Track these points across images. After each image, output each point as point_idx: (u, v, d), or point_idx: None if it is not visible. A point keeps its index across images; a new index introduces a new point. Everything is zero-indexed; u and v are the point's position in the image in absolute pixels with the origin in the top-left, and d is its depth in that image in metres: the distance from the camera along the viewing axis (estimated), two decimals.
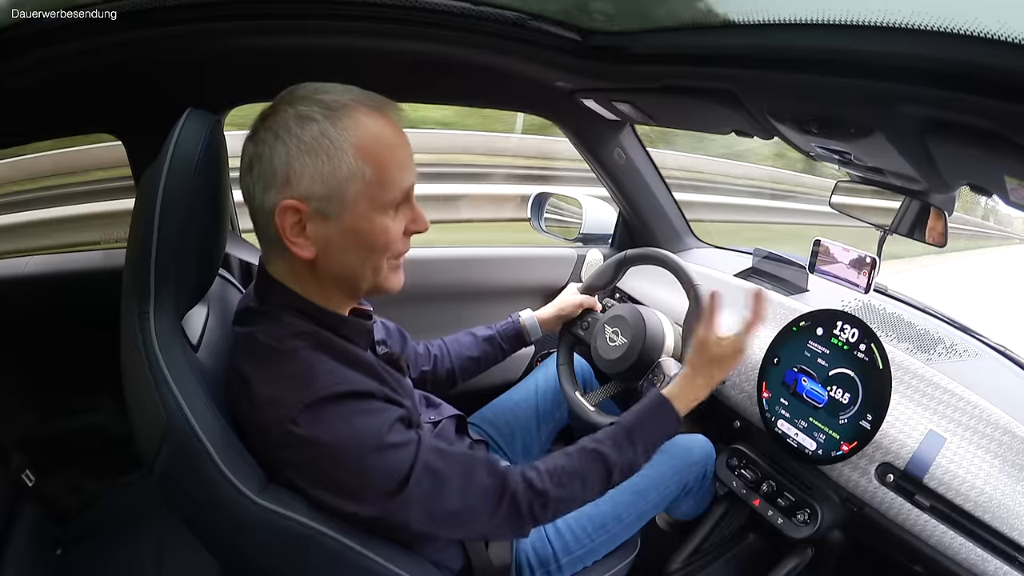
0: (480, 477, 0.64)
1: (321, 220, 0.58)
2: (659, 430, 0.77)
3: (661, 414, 0.78)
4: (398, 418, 0.61)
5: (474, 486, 0.63)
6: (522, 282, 1.42)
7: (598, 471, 0.72)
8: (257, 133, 0.58)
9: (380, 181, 0.58)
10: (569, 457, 0.72)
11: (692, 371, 0.81)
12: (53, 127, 0.94)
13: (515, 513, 0.66)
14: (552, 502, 0.68)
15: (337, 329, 0.64)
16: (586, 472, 0.71)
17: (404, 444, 0.60)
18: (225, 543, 0.59)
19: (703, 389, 0.81)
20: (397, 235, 0.62)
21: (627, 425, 0.76)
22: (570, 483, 0.70)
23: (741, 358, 0.81)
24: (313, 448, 0.56)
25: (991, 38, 0.38)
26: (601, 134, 1.24)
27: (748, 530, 1.10)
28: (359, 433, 0.57)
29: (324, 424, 0.56)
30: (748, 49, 0.60)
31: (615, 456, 0.72)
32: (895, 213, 0.86)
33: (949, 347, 0.95)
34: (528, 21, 0.74)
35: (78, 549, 1.08)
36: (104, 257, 1.12)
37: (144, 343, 0.55)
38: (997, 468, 0.76)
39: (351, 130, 0.57)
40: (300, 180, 0.56)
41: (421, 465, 0.60)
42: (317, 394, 0.56)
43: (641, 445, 0.75)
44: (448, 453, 0.64)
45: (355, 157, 0.57)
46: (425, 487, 0.60)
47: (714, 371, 0.80)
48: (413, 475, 0.59)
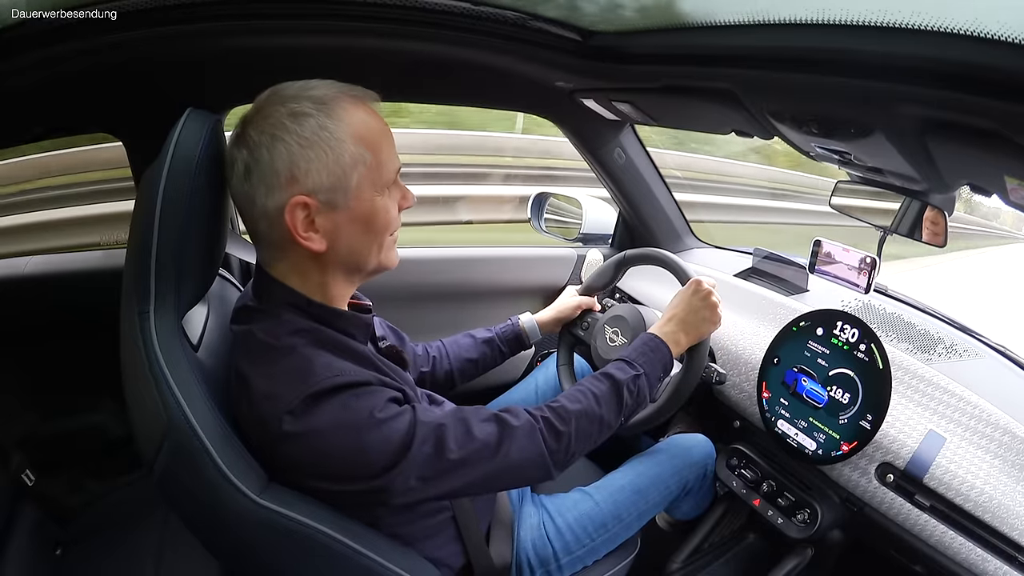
0: (475, 424, 0.65)
1: (329, 211, 0.60)
2: (655, 359, 0.82)
3: (653, 345, 0.83)
4: (391, 398, 0.61)
5: (472, 432, 0.64)
6: (522, 282, 1.42)
7: (607, 388, 0.75)
8: (248, 138, 0.58)
9: (377, 164, 0.61)
10: (578, 387, 0.75)
11: (672, 315, 0.87)
12: (53, 127, 0.94)
13: (526, 447, 0.66)
14: (564, 424, 0.69)
15: (335, 323, 0.64)
16: (595, 389, 0.74)
17: (399, 415, 0.60)
18: (225, 543, 0.59)
19: (684, 332, 0.86)
20: (394, 213, 0.66)
21: (623, 355, 0.82)
22: (581, 398, 0.72)
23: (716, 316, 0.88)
24: (311, 438, 0.56)
25: (991, 38, 0.38)
26: (601, 134, 1.24)
27: (748, 530, 1.10)
28: (354, 414, 0.58)
29: (321, 415, 0.56)
30: (748, 49, 0.60)
31: (619, 375, 0.77)
32: (895, 213, 0.86)
33: (949, 347, 0.95)
34: (528, 21, 0.74)
35: (78, 549, 1.08)
36: (104, 257, 1.12)
37: (144, 343, 0.55)
38: (997, 468, 0.76)
39: (345, 120, 0.59)
40: (307, 175, 0.57)
41: (419, 429, 0.60)
42: (314, 387, 0.56)
43: (642, 368, 0.79)
44: (441, 412, 0.64)
45: (354, 145, 0.59)
46: (426, 449, 0.60)
47: (697, 319, 0.87)
48: (414, 440, 0.59)
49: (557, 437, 0.68)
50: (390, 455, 0.58)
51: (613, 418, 0.74)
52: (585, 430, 0.71)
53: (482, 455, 0.64)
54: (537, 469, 0.68)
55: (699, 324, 0.86)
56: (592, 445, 0.73)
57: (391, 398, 0.61)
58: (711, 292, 0.87)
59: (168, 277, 0.57)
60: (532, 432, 0.67)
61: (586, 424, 0.71)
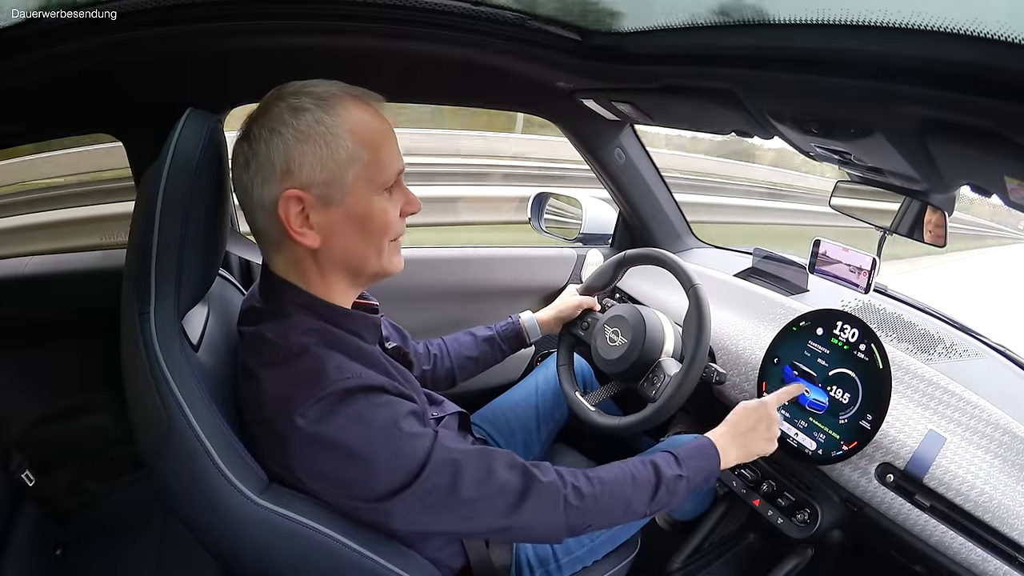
0: (499, 468, 0.63)
1: (324, 207, 0.59)
2: (702, 466, 0.78)
3: (707, 453, 0.79)
4: (410, 411, 0.61)
5: (493, 479, 0.62)
6: (522, 282, 1.42)
7: (648, 477, 0.72)
8: (250, 132, 0.59)
9: (376, 164, 0.60)
10: (621, 464, 0.73)
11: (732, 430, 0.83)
12: (53, 127, 0.94)
13: (545, 509, 0.64)
14: (591, 498, 0.67)
15: (343, 324, 0.64)
16: (636, 473, 0.72)
17: (418, 436, 0.59)
18: (225, 543, 0.59)
19: (742, 449, 0.82)
20: (395, 216, 0.64)
21: (676, 451, 0.77)
22: (614, 484, 0.70)
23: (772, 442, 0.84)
24: (325, 445, 0.56)
25: (991, 38, 0.38)
26: (601, 134, 1.24)
27: (748, 530, 1.10)
28: (371, 427, 0.57)
29: (335, 420, 0.56)
30: (748, 49, 0.60)
31: (666, 470, 0.73)
32: (895, 213, 0.86)
33: (949, 347, 0.95)
34: (528, 21, 0.74)
35: (78, 549, 1.08)
36: (104, 257, 1.12)
37: (144, 343, 0.55)
38: (997, 468, 0.76)
39: (344, 117, 0.59)
40: (301, 169, 0.57)
41: (436, 456, 0.59)
42: (327, 389, 0.56)
43: (687, 472, 0.75)
44: (466, 448, 0.63)
45: (351, 141, 0.59)
46: (439, 480, 0.59)
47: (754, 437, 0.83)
48: (427, 466, 0.58)
49: (579, 510, 0.66)
50: (399, 478, 0.57)
51: (641, 508, 0.72)
52: (610, 510, 0.70)
53: (496, 504, 0.62)
54: (548, 532, 0.67)
55: (753, 443, 0.83)
56: (611, 525, 0.72)
57: (411, 411, 0.60)
58: (774, 417, 0.84)
59: (168, 277, 0.57)
60: (556, 496, 0.65)
61: (612, 505, 0.69)
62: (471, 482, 0.61)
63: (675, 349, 0.97)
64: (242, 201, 0.61)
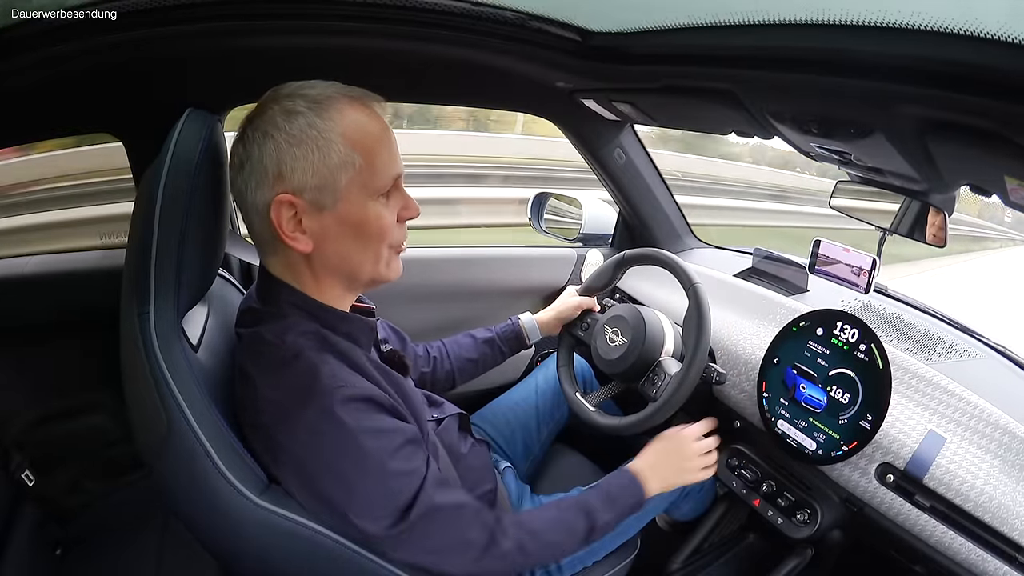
0: (471, 530, 0.65)
1: (316, 212, 0.59)
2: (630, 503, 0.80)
3: (633, 490, 0.81)
4: (407, 440, 0.61)
5: (462, 535, 0.64)
6: (522, 282, 1.42)
7: (581, 526, 0.74)
8: (245, 135, 0.58)
9: (370, 168, 0.59)
10: (557, 512, 0.74)
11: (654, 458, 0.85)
12: (53, 127, 0.94)
13: (497, 563, 0.66)
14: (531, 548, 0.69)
15: (338, 327, 0.64)
16: (571, 526, 0.73)
17: (409, 473, 0.60)
18: (225, 544, 0.59)
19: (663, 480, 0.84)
20: (391, 222, 0.63)
21: (608, 490, 0.79)
22: (551, 535, 0.71)
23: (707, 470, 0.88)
24: (313, 458, 0.56)
25: (991, 38, 0.38)
26: (601, 134, 1.24)
27: (748, 530, 1.10)
28: (364, 454, 0.57)
29: (328, 434, 0.56)
30: (748, 49, 0.60)
31: (598, 515, 0.75)
32: (895, 214, 0.86)
33: (949, 347, 0.95)
34: (528, 21, 0.74)
35: (78, 549, 1.08)
36: (104, 257, 1.12)
37: (144, 344, 0.55)
38: (997, 468, 0.76)
39: (337, 120, 0.58)
40: (292, 173, 0.57)
41: (421, 500, 0.60)
42: (323, 399, 0.56)
43: (616, 511, 0.77)
44: (448, 494, 0.64)
45: (344, 146, 0.58)
46: (416, 521, 0.60)
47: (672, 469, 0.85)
48: (412, 511, 0.59)
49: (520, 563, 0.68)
50: (380, 517, 0.59)
51: (572, 551, 0.75)
52: (543, 559, 0.73)
53: (464, 554, 0.64)
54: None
55: (673, 475, 0.85)
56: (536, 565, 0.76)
57: (407, 440, 0.61)
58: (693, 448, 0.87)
59: (168, 277, 0.57)
60: (507, 554, 0.66)
61: (548, 554, 0.73)
62: (445, 532, 0.62)
63: (675, 349, 0.97)
64: (238, 203, 0.61)
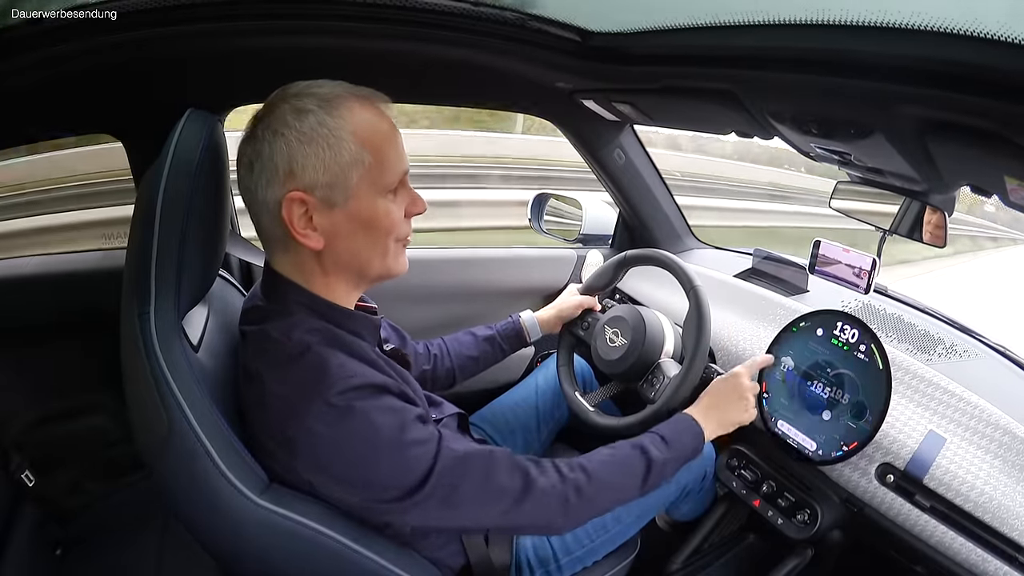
0: (499, 477, 0.64)
1: (327, 209, 0.59)
2: (688, 442, 0.79)
3: (690, 429, 0.81)
4: (416, 416, 0.61)
5: (492, 484, 0.63)
6: (522, 283, 1.42)
7: (642, 465, 0.73)
8: (254, 134, 0.59)
9: (379, 165, 0.60)
10: (611, 452, 0.74)
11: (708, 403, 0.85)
12: (53, 127, 0.94)
13: (545, 507, 0.66)
14: (588, 497, 0.68)
15: (345, 324, 0.64)
16: (629, 462, 0.73)
17: (424, 441, 0.60)
18: (225, 544, 0.59)
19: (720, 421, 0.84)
20: (399, 217, 0.64)
21: (663, 433, 0.78)
22: (609, 476, 0.71)
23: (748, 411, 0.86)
24: (329, 446, 0.56)
25: (991, 38, 0.38)
26: (601, 134, 1.24)
27: (748, 530, 1.10)
28: (377, 431, 0.57)
29: (340, 422, 0.56)
30: (748, 49, 0.60)
31: (655, 454, 0.75)
32: (895, 214, 0.86)
33: (949, 347, 0.95)
34: (528, 21, 0.74)
35: (78, 549, 1.08)
36: (104, 257, 1.12)
37: (144, 344, 0.55)
38: (997, 468, 0.76)
39: (347, 119, 0.58)
40: (303, 171, 0.57)
41: (441, 462, 0.60)
42: (331, 389, 0.56)
43: (674, 451, 0.77)
44: (469, 450, 0.63)
45: (354, 144, 0.58)
46: (444, 483, 0.60)
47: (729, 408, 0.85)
48: (433, 473, 0.59)
49: (578, 507, 0.67)
50: (407, 483, 0.58)
51: (634, 494, 0.74)
52: (605, 501, 0.71)
53: (498, 504, 0.63)
54: (547, 528, 0.69)
55: (729, 414, 0.85)
56: (604, 513, 0.74)
57: (416, 416, 0.61)
58: (746, 386, 0.86)
59: (168, 278, 0.57)
60: (554, 496, 0.66)
61: (608, 496, 0.71)
62: (473, 483, 0.61)
63: (675, 350, 0.97)
64: (247, 201, 0.61)
